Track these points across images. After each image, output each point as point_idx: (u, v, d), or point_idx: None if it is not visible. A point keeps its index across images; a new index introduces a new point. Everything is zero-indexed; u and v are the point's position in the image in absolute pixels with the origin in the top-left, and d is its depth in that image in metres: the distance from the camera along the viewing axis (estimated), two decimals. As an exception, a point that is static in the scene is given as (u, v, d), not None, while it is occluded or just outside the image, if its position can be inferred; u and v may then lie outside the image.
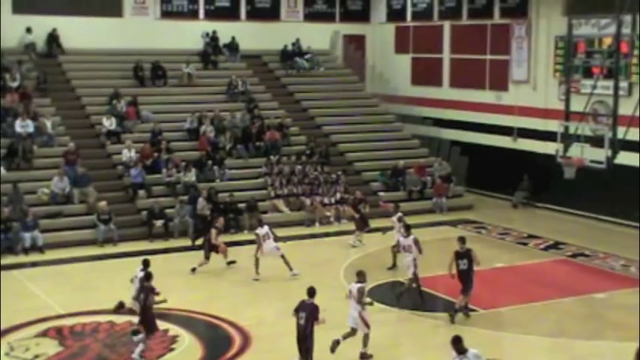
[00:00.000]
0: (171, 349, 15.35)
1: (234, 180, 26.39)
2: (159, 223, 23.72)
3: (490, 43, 30.06)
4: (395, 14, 34.22)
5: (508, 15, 29.23)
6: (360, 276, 15.02)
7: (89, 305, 17.56)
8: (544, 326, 17.24)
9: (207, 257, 20.42)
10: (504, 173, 28.76)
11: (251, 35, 32.46)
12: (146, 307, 14.72)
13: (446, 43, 31.99)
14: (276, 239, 20.25)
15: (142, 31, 30.62)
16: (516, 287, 19.48)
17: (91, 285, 19.55)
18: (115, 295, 17.79)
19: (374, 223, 23.51)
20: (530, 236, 24.26)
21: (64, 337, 15.87)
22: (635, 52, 24.58)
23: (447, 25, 31.87)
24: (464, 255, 16.80)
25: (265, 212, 25.31)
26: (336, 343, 14.51)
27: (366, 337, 14.76)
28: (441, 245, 21.52)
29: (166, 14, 31.52)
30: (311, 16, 34.10)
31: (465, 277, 16.77)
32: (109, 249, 22.66)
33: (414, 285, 18.05)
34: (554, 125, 23.53)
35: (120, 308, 16.87)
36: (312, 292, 14.03)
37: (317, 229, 25.26)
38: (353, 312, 14.81)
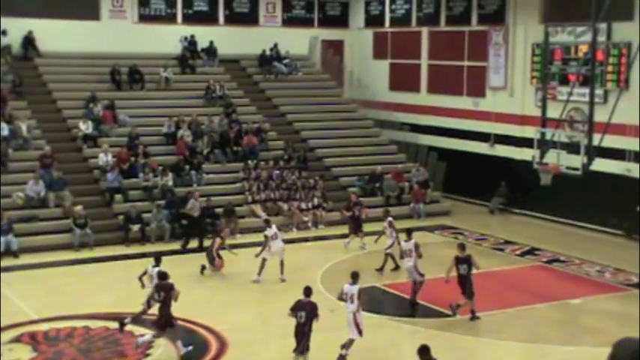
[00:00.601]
0: (147, 355, 15.25)
1: (211, 185, 26.30)
2: (135, 227, 23.59)
3: (468, 49, 30.22)
4: (373, 20, 34.33)
5: (486, 22, 29.40)
6: (355, 277, 14.98)
7: (64, 310, 17.42)
8: (520, 332, 17.32)
9: (211, 263, 20.43)
10: (481, 179, 28.90)
11: (229, 40, 32.42)
12: (164, 306, 14.83)
13: (424, 49, 32.12)
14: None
15: (119, 35, 30.50)
16: (493, 293, 19.53)
17: (67, 290, 19.40)
18: (91, 300, 17.68)
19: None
20: (507, 242, 24.39)
21: (38, 342, 15.72)
22: (611, 60, 24.83)
23: (424, 32, 32.00)
24: (464, 260, 17.19)
25: (243, 217, 25.27)
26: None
27: (352, 342, 14.69)
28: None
29: (144, 18, 31.40)
30: (289, 21, 34.12)
31: (465, 282, 17.14)
32: (85, 253, 22.49)
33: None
34: (530, 132, 23.69)
35: (123, 326, 16.02)
36: (308, 291, 14.23)
37: (294, 234, 25.23)
38: (349, 315, 14.77)
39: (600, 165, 21.85)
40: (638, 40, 21.45)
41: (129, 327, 16.23)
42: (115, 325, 16.19)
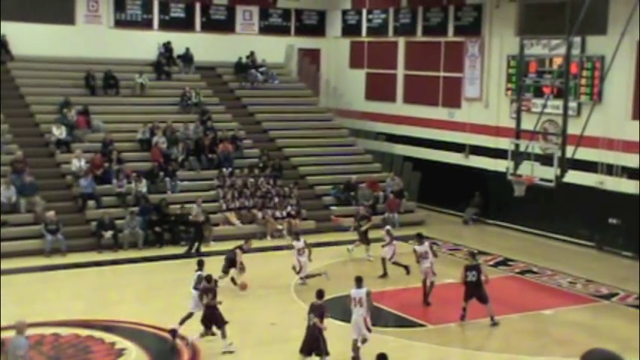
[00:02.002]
0: (119, 362, 15.13)
1: (185, 192, 26.18)
2: (108, 234, 23.41)
3: (444, 60, 30.37)
4: (350, 29, 34.41)
5: (462, 33, 29.57)
6: (360, 281, 15.32)
7: (34, 317, 17.16)
8: (492, 342, 17.39)
9: (225, 272, 19.86)
10: (456, 189, 29.01)
11: (206, 47, 32.34)
12: (210, 306, 15.38)
13: (400, 59, 32.24)
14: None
15: (94, 40, 30.32)
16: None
17: (37, 296, 19.18)
18: (63, 307, 17.50)
19: (326, 238, 23.55)
20: (480, 252, 24.40)
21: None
22: (584, 73, 25.06)
23: (401, 42, 32.12)
24: (473, 268, 17.80)
25: (217, 225, 25.17)
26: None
27: (364, 342, 15.01)
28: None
29: (120, 23, 31.24)
30: (266, 29, 34.11)
31: (473, 288, 17.59)
32: (57, 259, 22.27)
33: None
34: (505, 143, 23.82)
35: (174, 334, 16.21)
36: (320, 294, 14.56)
37: (268, 242, 25.16)
38: (357, 318, 15.00)
39: (573, 177, 22.01)
40: (612, 54, 21.64)
41: (98, 334, 16.12)
42: (85, 332, 16.06)
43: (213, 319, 15.52)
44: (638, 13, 21.95)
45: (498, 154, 26.52)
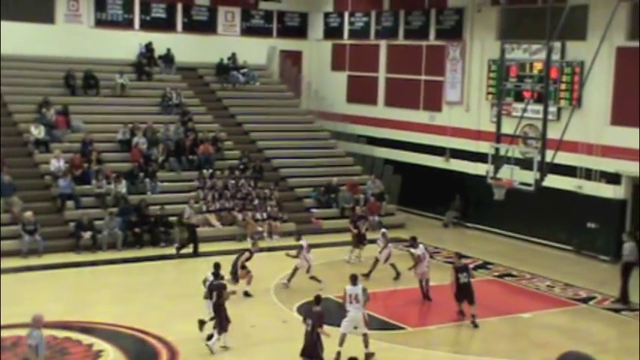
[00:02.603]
0: (96, 363, 15.04)
1: (165, 193, 26.08)
2: (87, 234, 23.26)
3: (425, 63, 30.45)
4: (332, 32, 34.43)
5: (443, 37, 29.66)
6: (355, 279, 15.67)
7: (11, 318, 17.04)
8: (471, 345, 17.45)
9: (235, 280, 19.43)
10: (436, 193, 29.09)
11: (187, 47, 32.23)
12: (218, 305, 15.49)
13: (382, 62, 32.29)
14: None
15: (74, 39, 30.11)
16: (445, 306, 19.63)
17: (14, 298, 18.96)
18: (40, 308, 17.31)
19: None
20: (460, 256, 24.48)
21: (-18, 350, 15.39)
22: (564, 78, 25.22)
23: (383, 45, 32.18)
24: (463, 269, 18.14)
25: (197, 226, 25.05)
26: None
27: (367, 337, 15.38)
28: (371, 263, 21.58)
29: (100, 23, 31.07)
30: (248, 31, 34.05)
31: (467, 290, 17.85)
32: (34, 260, 22.08)
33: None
34: (485, 147, 23.91)
35: (203, 324, 16.36)
36: (318, 299, 14.73)
37: (248, 244, 25.03)
38: (356, 314, 15.32)
39: (552, 181, 22.12)
40: (591, 60, 21.79)
41: (76, 335, 16.03)
42: (63, 333, 15.95)
43: (217, 317, 15.65)
44: (617, 20, 22.13)
45: (479, 157, 26.61)
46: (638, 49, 23.10)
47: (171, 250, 23.60)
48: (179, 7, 32.66)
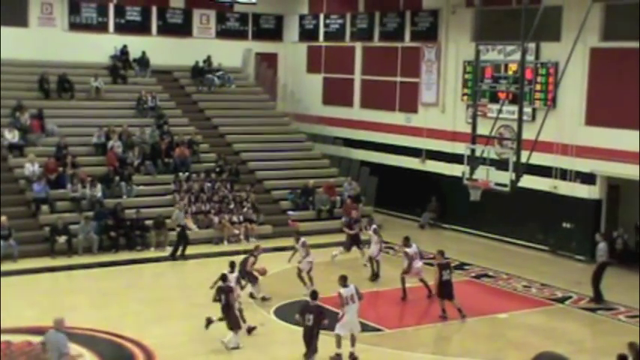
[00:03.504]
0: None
1: (141, 196, 25.93)
2: (62, 239, 23.07)
3: (401, 65, 30.52)
4: (307, 34, 34.43)
5: (418, 39, 29.74)
6: (345, 279, 15.80)
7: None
8: (448, 346, 17.50)
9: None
10: (412, 194, 29.16)
11: (162, 50, 32.11)
12: (228, 306, 15.82)
13: (357, 64, 32.33)
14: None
15: (48, 43, 29.89)
16: (421, 307, 19.69)
17: (-12, 303, 18.81)
18: (15, 314, 17.16)
19: (283, 242, 23.50)
20: (434, 257, 24.54)
21: (-44, 357, 15.20)
22: (539, 79, 25.38)
23: (358, 47, 32.22)
24: (446, 266, 18.62)
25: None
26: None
27: (355, 337, 15.57)
28: (350, 265, 21.61)
29: (75, 26, 30.86)
30: (223, 34, 33.97)
31: (449, 287, 18.40)
32: (8, 265, 21.81)
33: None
34: (461, 148, 23.98)
35: (210, 323, 16.63)
36: (315, 294, 15.10)
37: (225, 247, 25.02)
38: (353, 315, 15.54)
39: (528, 182, 22.22)
40: (565, 61, 21.93)
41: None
42: (38, 339, 15.77)
43: (227, 318, 15.92)
44: (590, 21, 22.30)
45: (454, 158, 26.69)
46: (616, 49, 23.31)
47: (148, 254, 23.50)
48: (154, 10, 32.53)
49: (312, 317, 14.62)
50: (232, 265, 17.41)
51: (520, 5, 19.91)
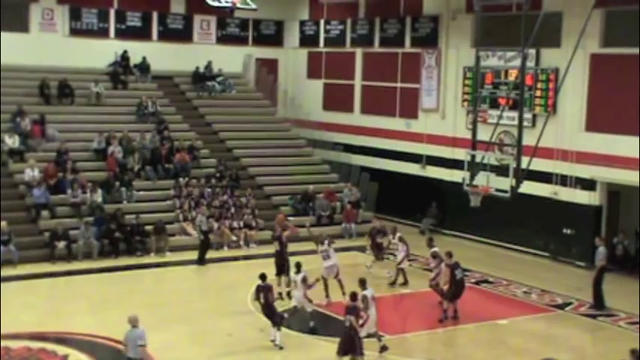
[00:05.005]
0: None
1: (141, 202, 25.93)
2: (61, 244, 23.05)
3: (401, 71, 30.54)
4: (308, 40, 34.46)
5: (419, 44, 29.76)
6: (364, 283, 16.27)
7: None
8: (449, 352, 17.46)
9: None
10: (413, 200, 29.14)
11: (163, 56, 32.15)
12: (268, 304, 16.47)
13: (358, 69, 32.36)
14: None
15: (49, 48, 29.92)
16: (422, 313, 19.67)
17: (-12, 308, 18.79)
18: (15, 319, 17.15)
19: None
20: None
21: (-44, 363, 15.19)
22: (539, 85, 25.39)
23: (359, 52, 32.25)
24: (456, 266, 18.69)
25: (173, 235, 24.96)
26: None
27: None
28: (350, 271, 21.57)
29: (76, 32, 30.90)
30: (224, 39, 34.02)
31: (462, 286, 18.71)
32: (8, 271, 21.79)
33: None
34: (461, 154, 23.98)
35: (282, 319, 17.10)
36: (354, 296, 15.35)
37: (225, 252, 25.02)
38: (375, 315, 15.99)
39: (528, 188, 22.22)
40: (565, 67, 21.94)
41: (51, 346, 15.87)
42: (38, 344, 15.80)
43: (269, 315, 16.55)
44: (590, 27, 22.30)
45: (455, 164, 26.70)
46: (616, 55, 23.33)
47: (148, 260, 23.54)
48: (154, 15, 32.58)
49: (349, 319, 14.94)
50: (298, 265, 17.98)
51: (520, 11, 19.93)
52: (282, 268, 20.18)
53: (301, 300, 17.82)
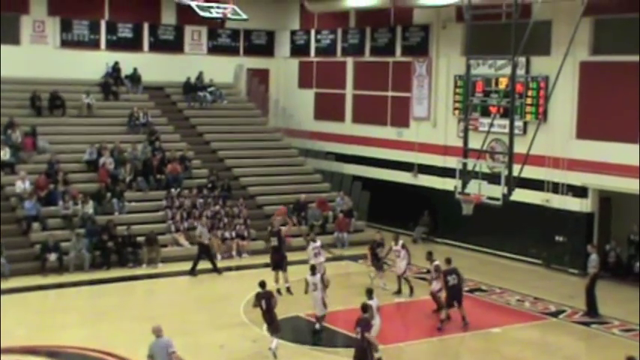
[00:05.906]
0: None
1: (133, 213, 25.86)
2: (53, 256, 22.96)
3: (392, 80, 30.58)
4: (299, 49, 34.50)
5: (409, 53, 29.82)
6: (371, 292, 16.52)
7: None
8: (442, 361, 17.43)
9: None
10: (405, 209, 29.13)
11: (154, 67, 32.13)
12: (269, 310, 16.53)
13: (349, 79, 32.39)
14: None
15: (40, 60, 29.89)
16: (416, 322, 19.65)
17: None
18: (5, 333, 17.04)
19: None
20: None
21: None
22: (530, 92, 25.45)
23: (349, 62, 32.29)
24: (452, 271, 18.94)
25: (165, 246, 24.90)
26: None
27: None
28: (342, 280, 21.58)
29: (66, 43, 30.87)
30: (215, 50, 34.03)
31: (455, 292, 18.79)
32: (-1, 284, 21.74)
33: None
34: (453, 162, 23.96)
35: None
36: (365, 308, 15.28)
37: (218, 263, 24.93)
38: (378, 325, 16.05)
39: (520, 195, 22.19)
40: (555, 74, 22.00)
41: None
42: (29, 359, 15.69)
43: (269, 323, 16.58)
44: (579, 35, 22.38)
45: (446, 173, 26.70)
46: (605, 63, 23.40)
47: (140, 271, 23.43)
48: (145, 26, 32.57)
49: (360, 330, 14.86)
50: (313, 268, 18.39)
51: (510, 20, 19.94)
52: (279, 264, 20.38)
53: (319, 302, 17.92)
